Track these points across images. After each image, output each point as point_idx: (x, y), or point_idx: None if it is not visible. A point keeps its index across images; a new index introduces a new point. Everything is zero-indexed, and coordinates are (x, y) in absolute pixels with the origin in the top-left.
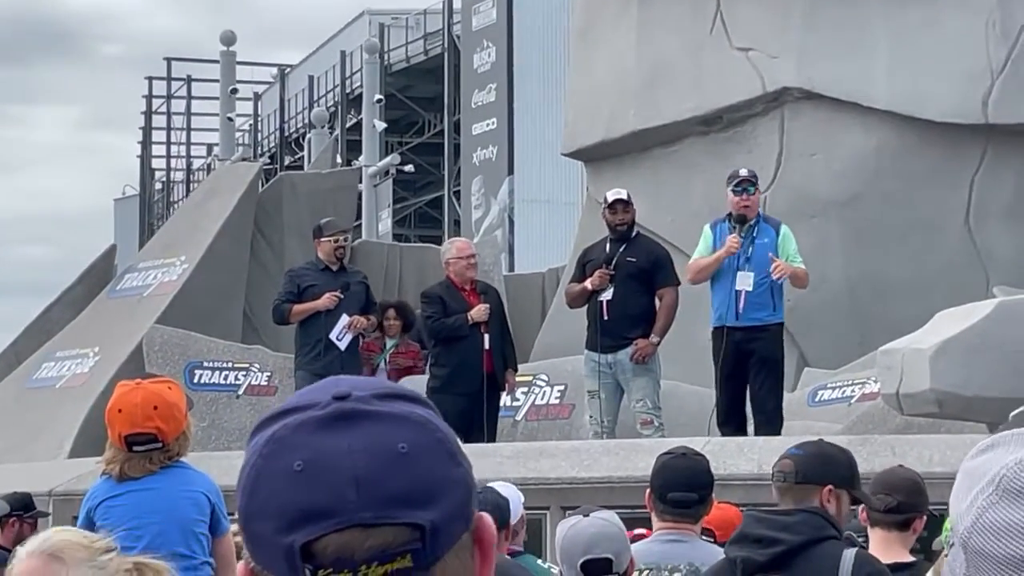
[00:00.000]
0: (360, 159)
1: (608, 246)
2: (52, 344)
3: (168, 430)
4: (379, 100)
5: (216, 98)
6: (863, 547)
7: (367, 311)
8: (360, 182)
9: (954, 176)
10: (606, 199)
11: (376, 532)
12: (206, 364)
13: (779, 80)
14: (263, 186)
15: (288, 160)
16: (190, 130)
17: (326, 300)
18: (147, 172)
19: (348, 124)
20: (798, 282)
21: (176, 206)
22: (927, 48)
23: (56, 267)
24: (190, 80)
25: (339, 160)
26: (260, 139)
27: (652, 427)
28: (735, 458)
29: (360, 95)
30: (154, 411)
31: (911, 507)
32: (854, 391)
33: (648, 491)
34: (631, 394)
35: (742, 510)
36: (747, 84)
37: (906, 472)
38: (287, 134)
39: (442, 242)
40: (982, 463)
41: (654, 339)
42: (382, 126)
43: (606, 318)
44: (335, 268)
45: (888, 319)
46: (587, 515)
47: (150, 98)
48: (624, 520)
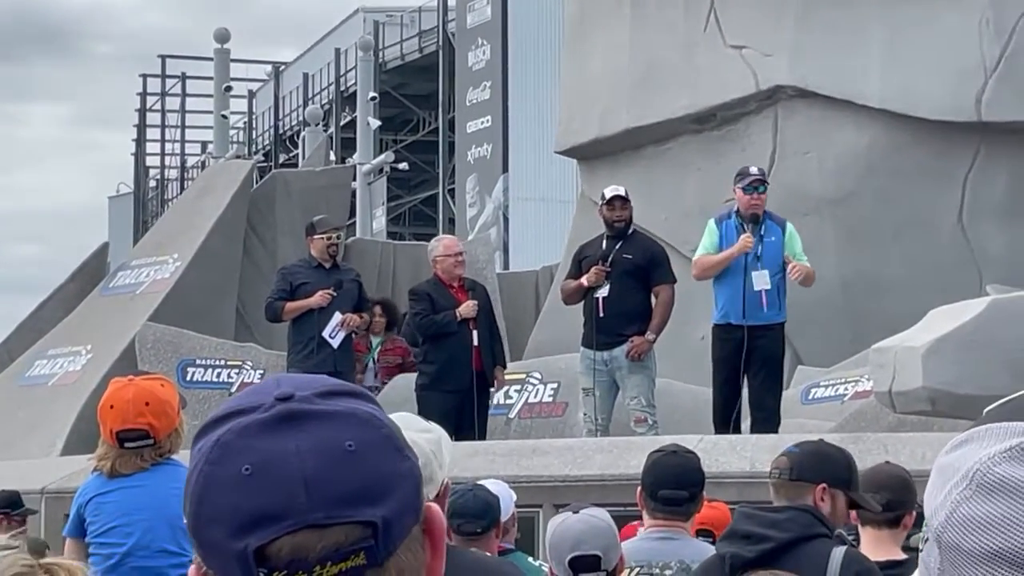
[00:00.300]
0: (354, 157)
1: (604, 243)
2: (44, 342)
3: (160, 427)
4: (373, 98)
5: (210, 95)
6: (854, 545)
7: (360, 309)
8: (354, 180)
9: (947, 174)
10: (604, 195)
11: (329, 532)
12: (199, 362)
13: (772, 78)
14: (256, 184)
15: (283, 158)
16: (184, 127)
17: (319, 298)
18: (141, 170)
19: (342, 122)
20: (809, 282)
21: (170, 204)
22: (920, 46)
23: (50, 265)
24: (184, 77)
25: (333, 158)
26: (254, 137)
27: (646, 425)
28: (728, 456)
29: (354, 93)
30: (146, 407)
31: (900, 504)
32: (847, 389)
33: (639, 489)
34: (626, 391)
35: (732, 509)
36: (740, 82)
37: (893, 469)
38: (281, 132)
39: None
40: (956, 458)
41: (650, 336)
42: (376, 124)
43: (602, 315)
44: (328, 266)
45: (881, 317)
46: (576, 512)
47: (144, 95)
48: (617, 518)
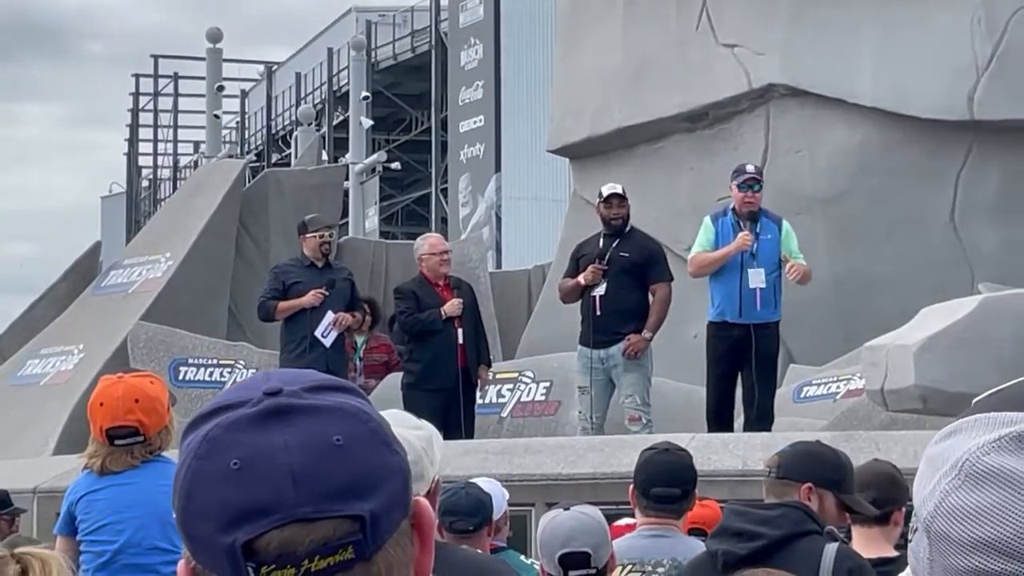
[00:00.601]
0: (347, 156)
1: (601, 241)
2: (37, 341)
3: (150, 423)
4: (366, 97)
5: (203, 95)
6: (845, 542)
7: (352, 308)
8: (347, 179)
9: (939, 173)
10: (601, 193)
11: (317, 526)
12: (191, 361)
13: (764, 77)
14: (248, 183)
15: (275, 157)
16: (177, 127)
17: (311, 297)
18: (134, 169)
19: (335, 121)
20: (805, 281)
21: (163, 203)
22: (912, 45)
23: (42, 264)
24: (177, 77)
25: (325, 157)
26: (247, 136)
27: (640, 424)
28: (720, 454)
29: (347, 92)
30: (135, 404)
31: (887, 501)
32: (839, 387)
33: (632, 487)
34: (621, 389)
35: (723, 507)
36: (733, 81)
37: (879, 466)
38: (274, 131)
39: None
40: (945, 448)
41: (647, 334)
42: (369, 123)
43: (599, 313)
44: (320, 265)
45: (873, 315)
46: (567, 509)
47: (137, 95)
48: (609, 516)
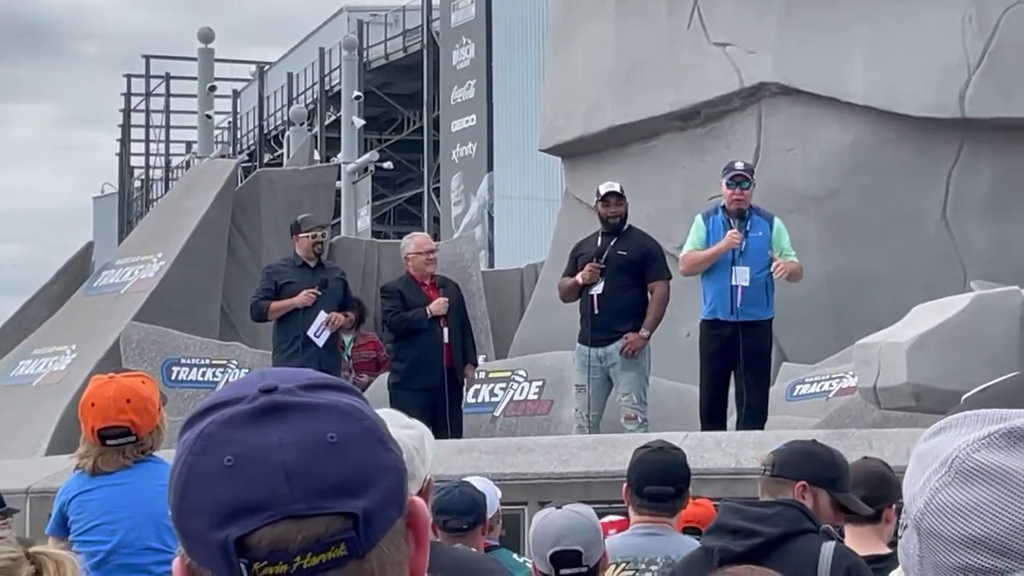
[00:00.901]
0: (339, 156)
1: (600, 239)
2: (29, 342)
3: (141, 423)
4: (358, 97)
5: (195, 95)
6: (841, 540)
7: (345, 308)
8: (339, 179)
9: (931, 171)
10: (599, 192)
11: (309, 523)
12: (183, 361)
13: (756, 75)
14: (240, 183)
15: (267, 157)
16: (169, 128)
17: (304, 297)
18: (126, 170)
19: (327, 121)
20: (796, 278)
21: (155, 204)
22: (904, 43)
23: (34, 265)
24: (169, 77)
25: (317, 157)
26: (239, 136)
27: (636, 423)
28: (713, 452)
29: (339, 92)
30: (127, 404)
31: (877, 499)
32: (832, 385)
33: (625, 485)
34: (618, 388)
35: (717, 506)
36: (724, 79)
37: (869, 464)
38: (266, 131)
39: None
40: (934, 446)
41: (644, 333)
42: (361, 123)
43: (597, 312)
44: (313, 264)
45: (865, 313)
46: (560, 508)
47: (129, 95)
48: (602, 515)
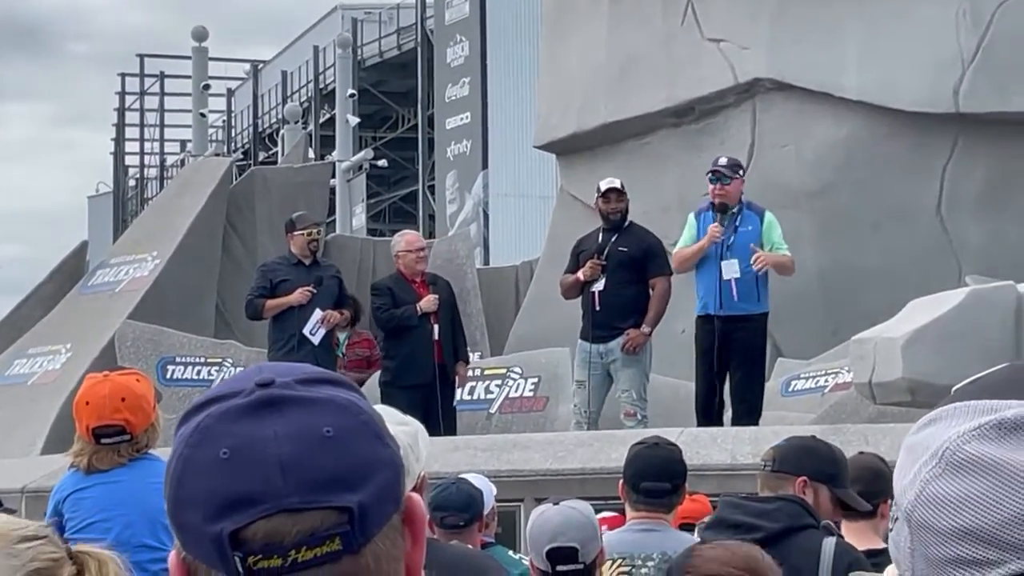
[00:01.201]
0: (334, 154)
1: (600, 236)
2: (24, 341)
3: (136, 422)
4: (352, 95)
5: (189, 94)
6: (841, 536)
7: (340, 305)
8: (333, 177)
9: (925, 165)
10: (599, 188)
11: (304, 516)
12: (179, 359)
13: (750, 71)
14: (235, 181)
15: (262, 156)
16: (163, 127)
17: (299, 295)
18: (120, 169)
19: (321, 119)
20: (784, 271)
21: (150, 203)
22: (898, 38)
23: (29, 265)
24: (163, 76)
25: (312, 155)
26: (233, 135)
27: (635, 419)
28: (708, 448)
29: (333, 90)
30: (122, 403)
31: (873, 494)
32: (827, 381)
33: (621, 481)
34: (618, 384)
35: (713, 501)
36: (718, 75)
37: (863, 459)
38: (260, 130)
39: None
40: (925, 437)
41: (645, 329)
42: (355, 121)
43: (598, 308)
44: (308, 262)
45: (860, 309)
46: (557, 503)
47: (123, 94)
48: (597, 511)
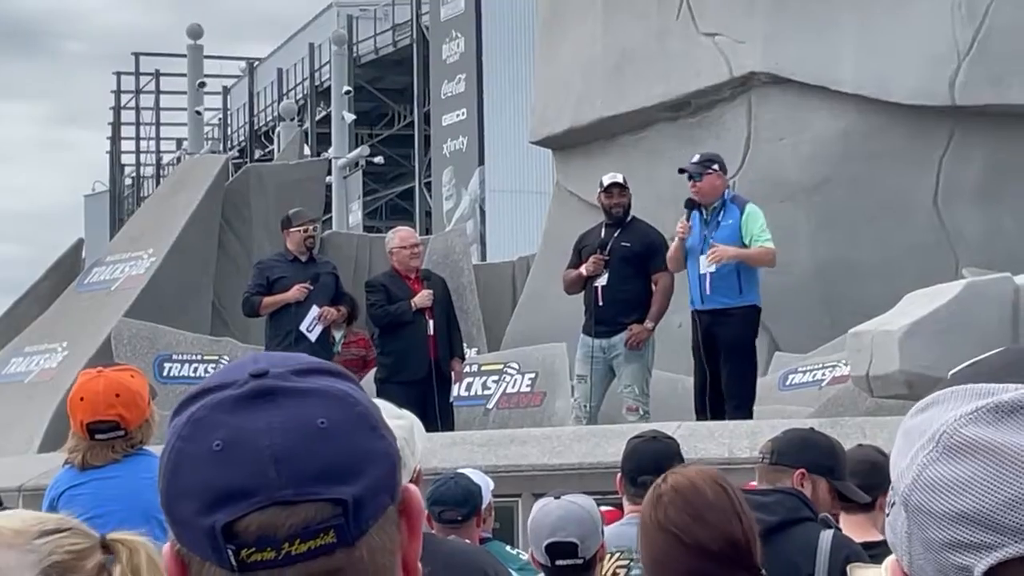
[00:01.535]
0: (330, 151)
1: (603, 231)
2: (20, 339)
3: (131, 417)
4: (348, 92)
5: (185, 92)
6: (839, 528)
7: (337, 302)
8: (329, 174)
9: (922, 158)
10: (602, 183)
11: (298, 509)
12: (175, 357)
13: (746, 65)
14: (230, 178)
15: (258, 153)
16: (159, 125)
17: (296, 292)
18: (117, 167)
19: (317, 116)
20: (756, 263)
21: (146, 201)
22: (893, 31)
23: (25, 264)
24: (158, 75)
25: (308, 152)
26: (229, 133)
27: (637, 414)
28: (705, 442)
29: (329, 87)
30: (116, 399)
31: (872, 486)
32: (824, 374)
33: (619, 475)
34: (620, 379)
35: None
36: (714, 69)
37: (860, 452)
38: (256, 128)
39: None
40: (921, 421)
41: (648, 324)
42: (351, 118)
43: (600, 303)
44: (304, 259)
45: (857, 302)
46: (558, 497)
47: (118, 93)
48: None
